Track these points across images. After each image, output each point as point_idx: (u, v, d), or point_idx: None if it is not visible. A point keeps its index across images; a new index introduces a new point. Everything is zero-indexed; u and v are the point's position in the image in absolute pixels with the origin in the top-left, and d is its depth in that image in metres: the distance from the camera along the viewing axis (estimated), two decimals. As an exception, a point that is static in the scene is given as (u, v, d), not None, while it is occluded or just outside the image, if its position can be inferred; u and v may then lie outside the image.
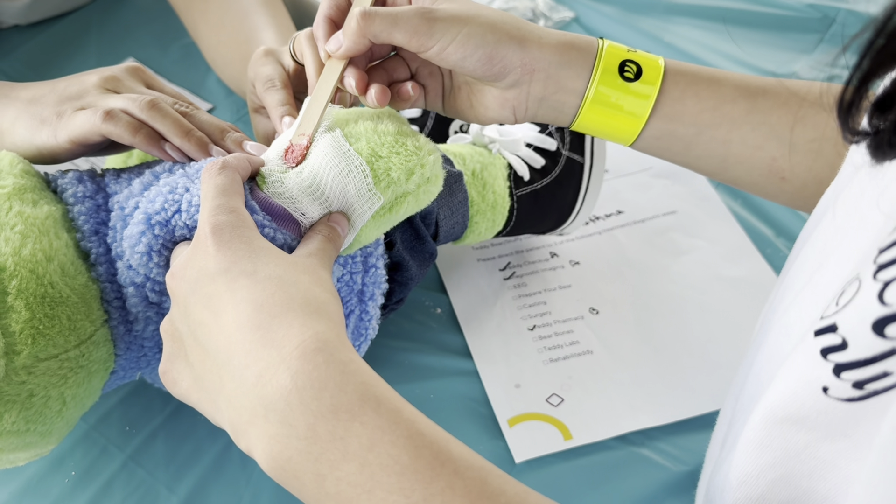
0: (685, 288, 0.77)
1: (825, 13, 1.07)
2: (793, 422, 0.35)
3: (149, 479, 0.63)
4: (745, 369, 0.44)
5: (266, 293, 0.41)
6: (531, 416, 0.67)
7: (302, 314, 0.41)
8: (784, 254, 0.81)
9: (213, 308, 0.42)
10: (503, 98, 0.56)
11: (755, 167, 0.56)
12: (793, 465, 0.35)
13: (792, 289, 0.41)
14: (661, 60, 0.55)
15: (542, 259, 0.80)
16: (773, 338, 0.40)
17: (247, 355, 0.40)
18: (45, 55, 1.00)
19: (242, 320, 0.41)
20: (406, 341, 0.73)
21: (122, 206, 0.54)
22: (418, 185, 0.55)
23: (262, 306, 0.41)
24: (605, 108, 0.55)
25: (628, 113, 0.55)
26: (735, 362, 0.70)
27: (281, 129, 0.60)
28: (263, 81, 0.63)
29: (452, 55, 0.53)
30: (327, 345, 0.40)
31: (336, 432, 0.38)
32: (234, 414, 0.41)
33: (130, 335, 0.56)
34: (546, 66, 0.54)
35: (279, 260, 0.44)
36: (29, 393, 0.49)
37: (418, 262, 0.65)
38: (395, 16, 0.52)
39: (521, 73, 0.54)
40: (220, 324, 0.42)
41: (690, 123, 0.55)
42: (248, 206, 0.50)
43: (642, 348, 0.72)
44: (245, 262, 0.43)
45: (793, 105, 0.54)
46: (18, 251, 0.49)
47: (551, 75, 0.54)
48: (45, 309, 0.49)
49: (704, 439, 0.65)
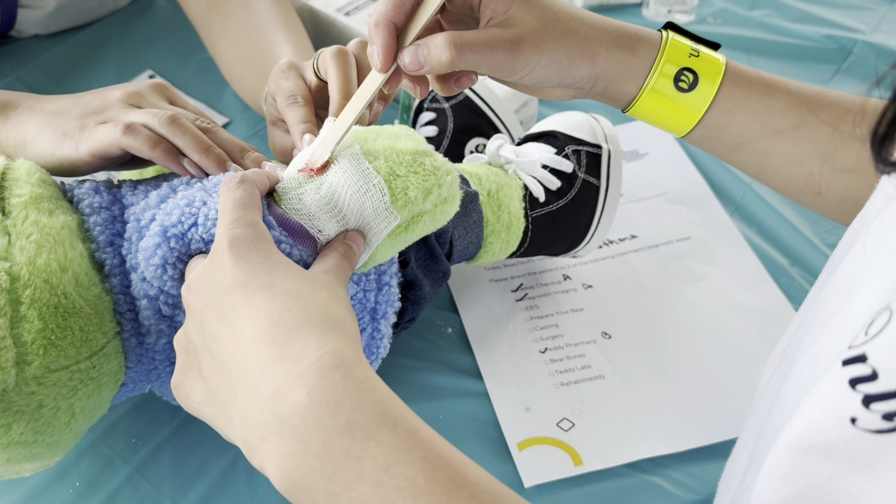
0: (699, 315, 0.77)
1: (842, 44, 1.07)
2: (818, 451, 0.34)
3: (154, 493, 0.63)
4: (769, 400, 0.43)
5: (283, 307, 0.41)
6: (541, 440, 0.66)
7: (320, 329, 0.40)
8: (799, 283, 0.80)
9: (229, 321, 0.42)
10: (564, 93, 0.58)
11: (793, 179, 0.57)
12: (816, 496, 0.35)
13: (818, 319, 0.41)
14: (722, 63, 0.56)
15: (555, 281, 0.80)
16: (799, 369, 0.40)
17: (262, 370, 0.40)
18: (65, 65, 1.01)
19: (259, 334, 0.40)
20: (416, 360, 0.73)
21: (139, 218, 0.54)
22: (435, 204, 0.54)
23: (279, 320, 0.41)
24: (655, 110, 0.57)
25: (675, 117, 0.57)
26: (749, 391, 0.70)
27: (301, 145, 0.60)
28: (286, 96, 0.63)
29: (530, 81, 0.55)
30: (345, 361, 0.39)
31: (351, 451, 0.37)
32: (248, 429, 0.40)
33: (142, 348, 0.55)
34: (610, 76, 0.56)
35: (297, 275, 0.44)
36: (38, 404, 0.48)
37: (431, 282, 0.64)
38: (486, 47, 0.52)
39: (587, 82, 0.56)
40: (235, 337, 0.41)
41: (736, 133, 0.56)
42: (265, 221, 0.49)
43: (655, 375, 0.72)
44: (263, 275, 0.43)
45: (840, 122, 0.54)
46: (33, 260, 0.49)
47: (612, 81, 0.56)
48: (57, 319, 0.49)
49: (716, 468, 0.65)
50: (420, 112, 0.85)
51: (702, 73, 0.56)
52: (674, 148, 0.94)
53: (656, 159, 0.93)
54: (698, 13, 1.13)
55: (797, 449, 0.35)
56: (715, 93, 0.55)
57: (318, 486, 0.38)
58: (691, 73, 0.55)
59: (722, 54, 0.57)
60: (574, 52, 0.54)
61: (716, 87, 0.55)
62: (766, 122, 0.55)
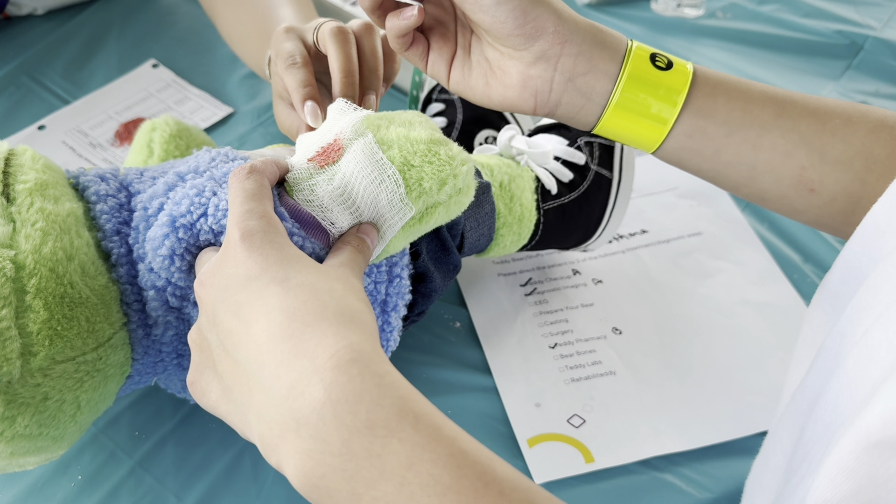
0: (710, 311, 0.76)
1: (853, 40, 1.06)
2: (888, 446, 0.33)
3: (157, 487, 0.62)
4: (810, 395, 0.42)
5: (298, 301, 0.40)
6: (552, 436, 0.65)
7: (336, 323, 0.39)
8: (811, 280, 0.79)
9: (242, 317, 0.41)
10: (527, 75, 0.52)
11: (784, 176, 0.53)
12: (879, 493, 0.34)
13: (868, 311, 0.40)
14: (688, 64, 0.53)
15: (565, 276, 0.79)
16: (852, 362, 0.39)
17: (278, 366, 0.38)
18: (67, 53, 0.99)
19: (274, 329, 0.39)
20: (424, 354, 0.72)
21: (146, 207, 0.53)
22: (450, 195, 0.53)
23: (294, 315, 0.39)
24: (636, 98, 0.52)
25: (660, 104, 0.52)
26: (762, 388, 0.69)
27: (303, 113, 0.59)
28: (285, 57, 0.62)
29: (486, 11, 0.50)
30: (362, 356, 0.38)
31: (372, 449, 0.36)
32: (265, 427, 0.39)
33: (149, 339, 0.54)
34: (580, 41, 0.51)
35: (311, 268, 0.42)
36: (44, 396, 0.47)
37: (442, 274, 0.63)
38: None
39: (553, 41, 0.50)
40: (250, 333, 0.40)
41: (722, 122, 0.52)
42: (276, 212, 0.48)
43: (666, 371, 0.71)
44: (276, 268, 0.41)
45: (821, 115, 0.52)
46: (39, 248, 0.48)
47: (583, 52, 0.51)
48: (63, 310, 0.48)
49: (730, 466, 0.64)
50: (429, 103, 0.84)
51: (673, 60, 0.53)
52: (684, 142, 0.93)
53: (666, 153, 0.92)
54: (707, 7, 1.11)
55: (865, 444, 0.34)
56: (692, 75, 0.52)
57: (338, 486, 0.37)
58: (664, 57, 0.52)
59: None
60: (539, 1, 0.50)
61: (690, 72, 0.52)
62: (748, 109, 0.52)
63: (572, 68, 0.51)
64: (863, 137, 0.51)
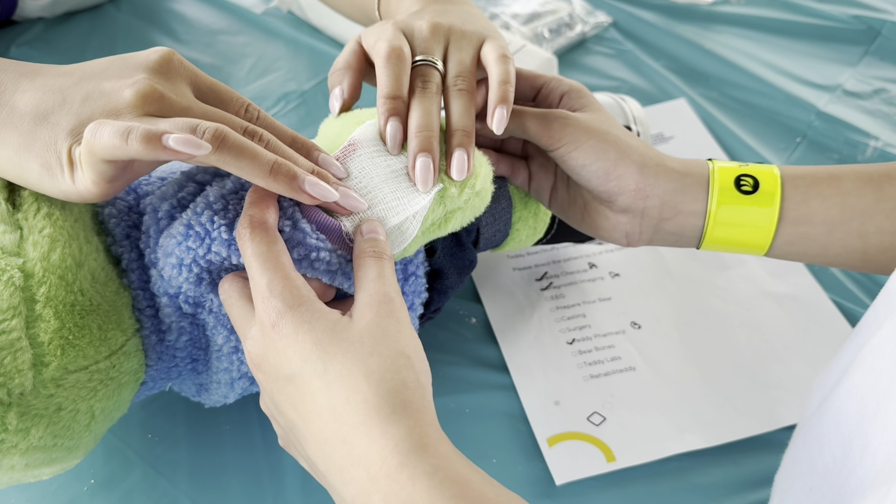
0: (730, 304, 0.74)
1: (870, 25, 1.04)
2: None
3: (171, 490, 0.61)
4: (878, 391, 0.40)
5: (340, 398, 0.41)
6: (572, 435, 0.64)
7: (379, 420, 0.40)
8: (832, 271, 0.77)
9: (298, 411, 0.43)
10: (615, 221, 0.57)
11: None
12: None
13: None
14: (776, 169, 0.54)
15: (581, 269, 0.77)
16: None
17: (340, 473, 0.41)
18: (70, 55, 0.98)
19: (327, 435, 0.42)
20: (439, 352, 0.70)
21: (156, 209, 0.51)
22: (468, 199, 0.53)
23: (339, 416, 0.41)
24: (730, 226, 0.54)
25: (754, 225, 0.54)
26: (784, 382, 0.67)
27: (384, 128, 0.52)
28: (390, 44, 0.54)
29: (574, 160, 0.55)
30: (409, 457, 0.39)
31: None
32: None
33: (162, 345, 0.53)
34: (661, 193, 0.54)
35: (345, 345, 0.42)
36: (57, 407, 0.46)
37: (458, 271, 0.62)
38: (544, 116, 0.55)
39: (635, 196, 0.54)
40: (309, 431, 0.43)
41: (820, 223, 0.53)
42: (299, 227, 0.47)
43: (687, 366, 0.69)
44: (314, 359, 0.42)
45: None
46: (47, 256, 0.46)
47: (667, 201, 0.54)
48: (74, 318, 0.46)
49: (755, 461, 0.63)
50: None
51: (759, 177, 0.54)
52: (700, 131, 0.91)
53: (682, 142, 0.90)
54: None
55: None
56: (780, 188, 0.53)
57: None
58: (749, 178, 0.54)
59: None
60: (623, 152, 0.54)
61: (778, 183, 0.54)
62: (845, 203, 0.53)
63: (658, 216, 0.55)
64: None
